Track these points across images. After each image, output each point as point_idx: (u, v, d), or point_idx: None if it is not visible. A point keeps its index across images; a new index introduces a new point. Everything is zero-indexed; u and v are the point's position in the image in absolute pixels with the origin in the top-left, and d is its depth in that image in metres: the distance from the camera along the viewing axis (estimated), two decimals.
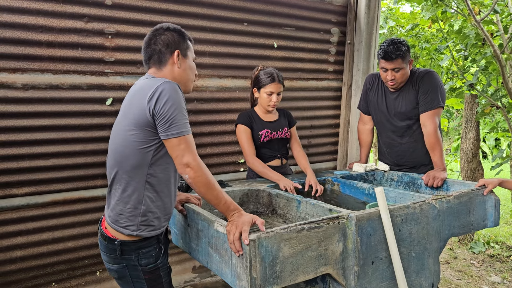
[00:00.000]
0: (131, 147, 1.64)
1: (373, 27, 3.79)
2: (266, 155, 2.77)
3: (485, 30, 3.62)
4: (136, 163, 1.65)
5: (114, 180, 1.72)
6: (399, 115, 2.80)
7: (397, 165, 2.92)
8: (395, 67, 2.62)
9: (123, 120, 1.70)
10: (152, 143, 1.64)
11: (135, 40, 2.80)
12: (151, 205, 1.69)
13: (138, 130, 1.63)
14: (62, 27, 2.56)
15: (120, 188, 1.69)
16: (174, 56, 1.75)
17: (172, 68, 1.76)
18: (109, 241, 1.71)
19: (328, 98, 3.88)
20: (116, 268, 1.74)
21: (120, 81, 2.79)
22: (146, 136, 1.63)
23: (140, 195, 1.67)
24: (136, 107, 1.63)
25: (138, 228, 1.67)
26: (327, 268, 1.71)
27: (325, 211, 1.98)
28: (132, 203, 1.67)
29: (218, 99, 3.23)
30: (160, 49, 1.74)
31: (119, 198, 1.69)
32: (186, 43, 1.81)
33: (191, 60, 1.83)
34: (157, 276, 1.74)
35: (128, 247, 1.69)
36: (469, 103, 4.45)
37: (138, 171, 1.65)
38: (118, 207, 1.69)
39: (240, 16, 3.22)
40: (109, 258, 1.75)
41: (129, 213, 1.67)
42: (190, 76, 1.83)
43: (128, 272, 1.72)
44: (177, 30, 1.79)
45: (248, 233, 1.52)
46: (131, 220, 1.67)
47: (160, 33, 1.76)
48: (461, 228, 2.20)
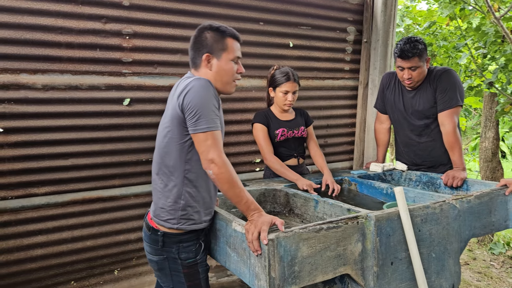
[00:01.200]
0: (169, 143, 1.72)
1: (390, 25, 3.74)
2: (283, 154, 2.76)
3: (505, 27, 3.55)
4: (174, 158, 1.71)
5: (157, 176, 1.79)
6: (417, 113, 2.77)
7: (415, 164, 2.89)
8: (412, 65, 2.59)
9: (164, 118, 1.79)
10: (186, 138, 1.69)
11: (152, 41, 2.82)
12: (190, 200, 1.74)
13: (173, 126, 1.70)
14: (81, 28, 2.59)
15: (163, 183, 1.75)
16: (203, 58, 1.77)
17: (206, 71, 1.78)
18: (152, 231, 1.78)
19: (344, 97, 3.85)
20: (157, 259, 1.79)
21: (137, 81, 2.81)
22: (180, 132, 1.68)
23: (180, 190, 1.72)
24: (171, 105, 1.71)
25: (178, 222, 1.73)
26: (346, 269, 1.70)
27: (343, 211, 1.96)
28: (172, 197, 1.73)
29: (234, 99, 3.23)
30: (195, 51, 1.78)
31: (161, 193, 1.76)
32: (223, 43, 1.76)
33: (226, 62, 1.77)
34: (195, 271, 1.78)
35: (170, 239, 1.74)
36: (488, 102, 4.38)
37: (177, 166, 1.71)
38: (160, 201, 1.76)
39: (256, 16, 3.22)
40: (151, 248, 1.80)
41: (170, 207, 1.73)
42: (225, 78, 1.79)
43: (168, 264, 1.77)
44: (215, 28, 1.77)
45: (267, 233, 1.52)
46: (171, 214, 1.73)
47: (200, 34, 1.78)
48: (482, 229, 2.16)
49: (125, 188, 2.88)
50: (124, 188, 2.87)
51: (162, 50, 2.87)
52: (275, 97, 2.71)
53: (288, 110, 2.75)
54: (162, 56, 2.87)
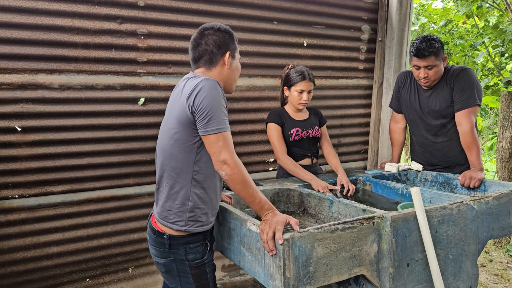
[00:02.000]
0: (176, 145, 1.69)
1: (405, 23, 3.70)
2: (296, 154, 2.75)
3: None
4: (182, 160, 1.69)
5: (162, 178, 1.77)
6: (433, 113, 2.73)
7: (430, 164, 2.85)
8: (428, 64, 2.56)
9: (168, 119, 1.76)
10: (195, 140, 1.68)
11: (167, 41, 2.83)
12: (198, 201, 1.72)
13: (181, 128, 1.67)
14: (97, 29, 2.62)
15: (168, 185, 1.74)
16: (225, 57, 1.78)
17: (222, 69, 1.79)
18: (158, 235, 1.76)
19: (358, 97, 3.82)
20: (163, 261, 1.78)
21: (152, 81, 2.83)
22: (189, 134, 1.67)
23: (187, 192, 1.71)
24: (178, 106, 1.68)
25: (186, 224, 1.72)
26: (361, 269, 1.68)
27: (358, 211, 1.95)
28: (180, 199, 1.71)
29: (247, 98, 3.23)
30: (212, 50, 1.77)
31: (167, 195, 1.74)
32: (234, 44, 1.84)
33: (238, 61, 1.86)
34: (203, 272, 1.77)
35: (176, 241, 1.73)
36: (506, 101, 4.30)
37: (184, 168, 1.70)
38: (167, 204, 1.74)
39: (270, 15, 3.22)
40: (157, 251, 1.79)
41: (178, 209, 1.72)
42: (236, 77, 1.87)
43: (175, 266, 1.76)
44: (227, 31, 1.82)
45: (282, 233, 1.51)
46: (179, 216, 1.72)
47: (211, 33, 1.78)
48: (500, 230, 2.12)
49: (139, 187, 2.90)
50: (139, 187, 2.90)
51: (176, 50, 2.88)
52: (290, 96, 2.70)
53: (302, 109, 2.73)
54: (176, 56, 2.88)
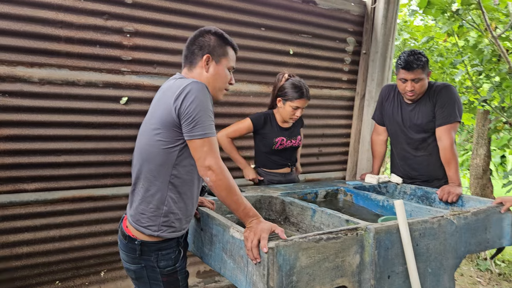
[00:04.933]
0: (156, 146, 1.63)
1: (389, 38, 3.77)
2: (277, 163, 2.75)
3: (501, 46, 3.60)
4: (160, 162, 1.63)
5: (138, 179, 1.71)
6: (415, 127, 2.77)
7: (409, 177, 2.89)
8: (415, 77, 2.60)
9: (150, 119, 1.70)
10: (177, 143, 1.62)
11: (153, 40, 2.79)
12: (173, 206, 1.67)
13: (163, 129, 1.62)
14: (82, 24, 2.55)
15: (144, 187, 1.67)
16: (203, 59, 1.73)
17: (201, 72, 1.74)
18: (129, 240, 1.70)
19: (340, 108, 3.85)
20: (134, 268, 1.72)
21: (136, 80, 2.77)
22: (172, 136, 1.61)
23: (163, 196, 1.65)
24: (163, 106, 1.63)
25: (159, 229, 1.66)
26: (343, 280, 1.68)
27: (341, 222, 1.95)
28: (154, 203, 1.65)
29: (232, 103, 3.21)
30: (193, 50, 1.74)
31: (142, 198, 1.68)
32: (224, 50, 1.76)
33: (223, 68, 1.77)
34: (174, 279, 1.72)
35: (148, 247, 1.67)
36: (481, 119, 4.42)
37: (162, 171, 1.64)
38: (141, 206, 1.67)
39: (258, 21, 3.21)
40: (128, 257, 1.73)
41: (151, 213, 1.66)
42: (218, 84, 1.76)
43: (146, 273, 1.70)
44: (219, 34, 1.77)
45: (267, 241, 1.49)
46: (152, 220, 1.66)
47: (202, 35, 1.75)
48: (477, 246, 2.16)
49: (117, 188, 2.82)
50: (116, 188, 2.82)
51: (162, 50, 2.84)
52: (282, 109, 2.67)
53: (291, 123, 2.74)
54: (162, 56, 2.84)
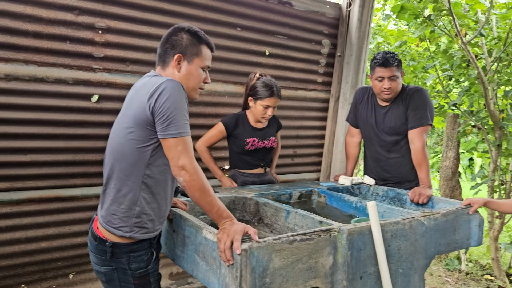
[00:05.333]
0: (129, 145, 1.59)
1: (363, 41, 3.82)
2: (249, 163, 2.75)
3: (471, 52, 3.70)
4: (133, 162, 1.59)
5: (109, 179, 1.66)
6: (388, 130, 2.81)
7: (382, 179, 2.93)
8: (392, 74, 2.64)
9: (123, 117, 1.65)
10: (151, 142, 1.59)
11: (127, 37, 2.73)
12: (146, 207, 1.63)
13: (137, 128, 1.58)
14: (51, 18, 2.47)
15: (116, 187, 1.63)
16: (174, 58, 1.69)
17: (173, 72, 1.71)
18: (100, 241, 1.65)
19: (315, 109, 3.87)
20: (104, 270, 1.67)
21: (107, 78, 2.70)
22: (145, 135, 1.58)
23: (136, 196, 1.61)
24: (137, 104, 1.59)
25: (131, 230, 1.62)
26: (316, 282, 1.67)
27: (315, 223, 1.95)
28: (126, 203, 1.61)
29: (206, 103, 3.17)
30: (166, 49, 1.71)
31: (113, 198, 1.63)
32: (198, 49, 1.72)
33: (196, 68, 1.72)
34: (146, 282, 1.68)
35: (120, 249, 1.63)
36: (451, 123, 4.53)
37: (135, 170, 1.60)
38: (112, 207, 1.63)
39: (234, 21, 3.19)
40: (98, 259, 1.68)
41: (123, 213, 1.61)
42: (190, 84, 1.73)
43: (117, 276, 1.65)
44: (193, 32, 1.72)
45: (240, 242, 1.47)
46: (124, 221, 1.61)
47: (175, 33, 1.71)
48: (446, 246, 2.20)
49: (87, 188, 2.75)
50: (86, 188, 2.75)
51: (136, 48, 2.78)
52: (254, 108, 2.67)
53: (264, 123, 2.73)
54: (135, 54, 2.78)
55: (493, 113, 3.91)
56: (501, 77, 3.93)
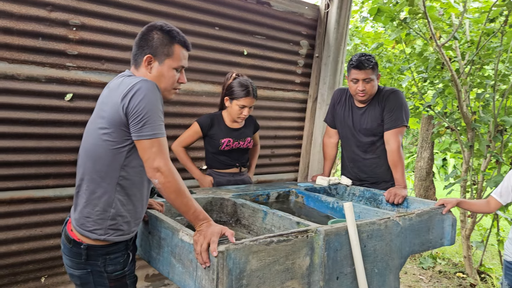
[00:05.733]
0: (103, 146, 1.56)
1: (341, 42, 3.85)
2: (224, 163, 2.74)
3: (445, 55, 3.78)
4: (108, 163, 1.56)
5: (83, 181, 1.62)
6: (364, 131, 2.84)
7: (359, 180, 2.96)
8: (367, 77, 2.67)
9: (97, 118, 1.61)
10: (126, 143, 1.56)
11: (102, 35, 2.67)
12: (121, 209, 1.60)
13: (111, 129, 1.54)
14: (23, 14, 2.40)
15: (89, 189, 1.59)
16: (144, 59, 1.65)
17: (145, 72, 1.67)
18: (74, 244, 1.61)
19: (293, 110, 3.89)
20: (79, 273, 1.63)
21: (82, 76, 2.64)
22: (120, 136, 1.54)
23: (111, 198, 1.58)
24: (110, 105, 1.55)
25: (106, 232, 1.58)
26: (293, 283, 1.67)
27: (292, 224, 1.95)
28: (101, 205, 1.58)
29: (184, 103, 3.14)
30: (138, 49, 1.67)
31: (87, 200, 1.59)
32: (169, 49, 1.66)
33: (168, 69, 1.66)
34: (123, 284, 1.65)
35: (95, 252, 1.59)
36: (425, 124, 4.63)
37: (109, 172, 1.57)
38: (86, 209, 1.59)
39: (212, 20, 3.17)
40: (72, 262, 1.63)
41: (97, 216, 1.58)
42: (162, 85, 1.67)
43: (93, 279, 1.62)
44: (166, 31, 1.66)
45: (217, 245, 1.46)
46: (99, 224, 1.58)
47: (149, 31, 1.67)
48: (420, 246, 2.24)
49: (60, 189, 2.68)
50: (59, 189, 2.68)
51: (111, 46, 2.72)
52: (230, 108, 2.66)
53: (240, 123, 2.72)
54: (111, 52, 2.73)
55: (465, 115, 4.01)
56: (473, 79, 4.03)
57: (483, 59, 3.92)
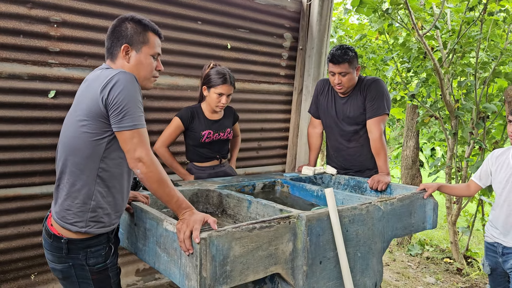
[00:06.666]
0: (82, 138, 1.58)
1: (324, 34, 3.88)
2: (205, 155, 2.76)
3: (427, 44, 3.83)
4: (87, 155, 1.58)
5: (63, 174, 1.64)
6: (347, 120, 2.89)
7: (343, 168, 3.00)
8: (342, 71, 2.71)
9: (75, 111, 1.63)
10: (105, 135, 1.58)
11: (83, 31, 2.67)
12: (102, 201, 1.62)
13: (90, 120, 1.56)
14: (2, 12, 2.39)
15: (69, 182, 1.61)
16: (122, 49, 1.67)
17: (123, 63, 1.69)
18: (54, 239, 1.62)
19: (279, 102, 3.92)
20: (61, 267, 1.64)
21: (64, 73, 2.65)
22: (99, 127, 1.56)
23: (90, 190, 1.60)
24: (89, 97, 1.57)
25: (87, 225, 1.60)
26: (277, 268, 1.71)
27: (275, 211, 1.99)
28: (81, 198, 1.60)
29: (168, 97, 3.16)
30: (113, 41, 1.69)
31: (67, 193, 1.61)
32: (144, 37, 1.69)
33: (146, 56, 1.70)
34: (105, 276, 1.67)
35: (76, 245, 1.61)
36: (410, 113, 4.69)
37: (89, 164, 1.58)
38: (66, 202, 1.61)
39: (195, 14, 3.18)
40: (53, 257, 1.65)
41: (78, 208, 1.60)
42: (142, 74, 1.70)
43: (75, 272, 1.63)
44: (137, 20, 1.70)
45: (200, 232, 1.49)
46: (79, 216, 1.60)
47: (120, 23, 1.69)
48: (403, 230, 2.29)
49: (46, 186, 2.68)
50: (45, 187, 2.68)
51: (93, 42, 2.73)
52: (208, 97, 2.69)
53: (219, 112, 2.75)
54: (93, 48, 2.73)
55: (449, 103, 4.08)
56: (455, 68, 4.09)
57: (464, 48, 3.98)
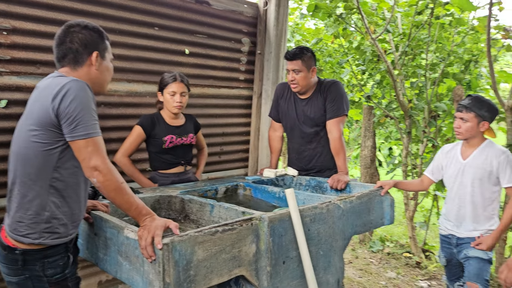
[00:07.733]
0: (34, 148, 1.54)
1: (281, 39, 3.95)
2: (169, 162, 2.74)
3: (380, 47, 3.99)
4: (39, 165, 1.54)
5: (13, 185, 1.59)
6: (308, 121, 2.95)
7: (304, 169, 3.06)
8: (295, 68, 2.78)
9: (26, 120, 1.59)
10: (57, 144, 1.54)
11: (35, 38, 2.59)
12: (56, 211, 1.58)
13: (41, 130, 1.53)
14: None
15: (20, 193, 1.56)
16: (92, 57, 1.68)
17: (89, 69, 1.69)
18: (9, 251, 1.57)
19: (239, 106, 3.94)
20: (17, 280, 1.59)
21: (16, 81, 2.55)
22: (50, 137, 1.53)
23: (44, 201, 1.56)
24: (40, 106, 1.54)
25: (40, 236, 1.56)
26: (241, 270, 1.73)
27: (238, 214, 2.00)
28: (34, 209, 1.55)
29: (127, 104, 3.11)
30: (77, 49, 1.66)
31: (18, 205, 1.56)
32: (105, 44, 1.75)
33: (108, 61, 1.78)
34: (64, 286, 1.63)
35: (32, 256, 1.57)
36: (367, 114, 4.83)
37: (41, 174, 1.55)
38: (18, 214, 1.56)
39: (151, 20, 3.15)
40: (9, 269, 1.60)
41: (30, 220, 1.55)
42: (107, 78, 1.78)
43: (32, 284, 1.59)
44: (96, 29, 1.73)
45: (162, 238, 1.48)
46: (32, 228, 1.55)
47: (77, 31, 1.67)
48: (362, 227, 2.37)
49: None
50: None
51: (46, 49, 2.64)
52: (164, 101, 2.69)
53: (177, 113, 2.73)
54: (46, 56, 2.65)
55: (402, 103, 4.25)
56: (407, 69, 4.28)
57: (414, 50, 4.17)
